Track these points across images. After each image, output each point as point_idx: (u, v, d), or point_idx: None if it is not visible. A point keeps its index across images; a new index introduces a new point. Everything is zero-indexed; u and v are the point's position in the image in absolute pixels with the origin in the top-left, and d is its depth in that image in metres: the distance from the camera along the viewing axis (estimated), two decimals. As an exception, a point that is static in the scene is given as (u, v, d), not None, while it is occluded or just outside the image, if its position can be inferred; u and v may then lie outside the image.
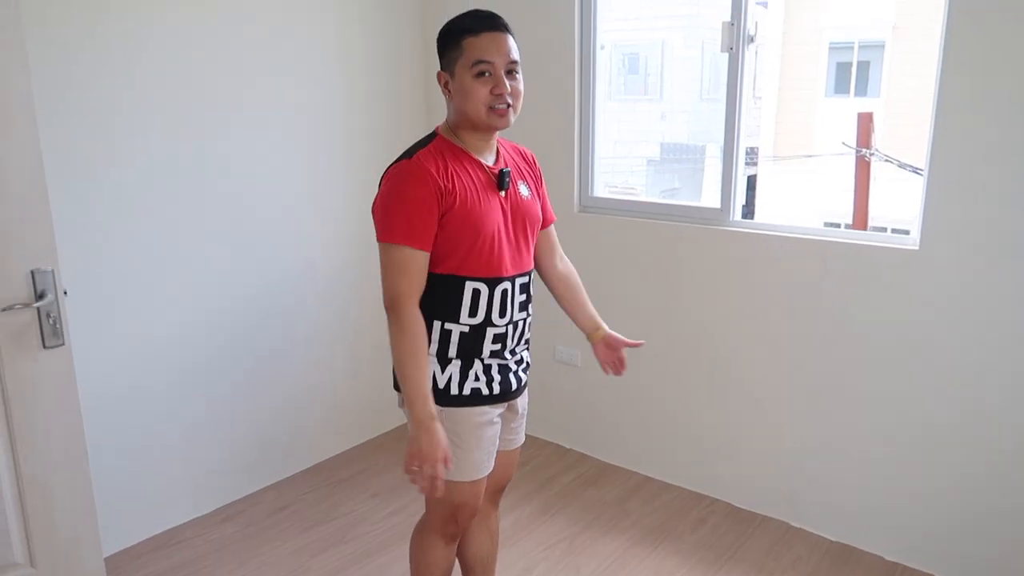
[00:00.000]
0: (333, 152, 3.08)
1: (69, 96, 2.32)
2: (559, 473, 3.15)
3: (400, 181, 1.63)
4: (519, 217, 1.76)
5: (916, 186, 2.40)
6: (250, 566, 2.56)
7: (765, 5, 11.85)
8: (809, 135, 11.93)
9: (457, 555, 2.03)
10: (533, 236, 1.82)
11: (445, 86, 1.69)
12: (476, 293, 1.70)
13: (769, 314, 2.68)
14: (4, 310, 1.95)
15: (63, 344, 2.06)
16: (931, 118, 2.26)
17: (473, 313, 1.71)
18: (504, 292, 1.72)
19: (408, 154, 1.67)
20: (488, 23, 1.65)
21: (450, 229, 1.64)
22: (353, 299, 3.20)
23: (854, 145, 5.39)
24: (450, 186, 1.63)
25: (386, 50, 3.20)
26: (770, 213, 10.12)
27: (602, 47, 2.97)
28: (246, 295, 2.88)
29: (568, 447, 3.36)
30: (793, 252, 2.58)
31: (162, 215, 2.59)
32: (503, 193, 1.73)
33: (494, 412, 1.80)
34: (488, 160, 1.74)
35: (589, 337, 2.05)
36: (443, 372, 1.73)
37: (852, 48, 12.20)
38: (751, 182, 10.10)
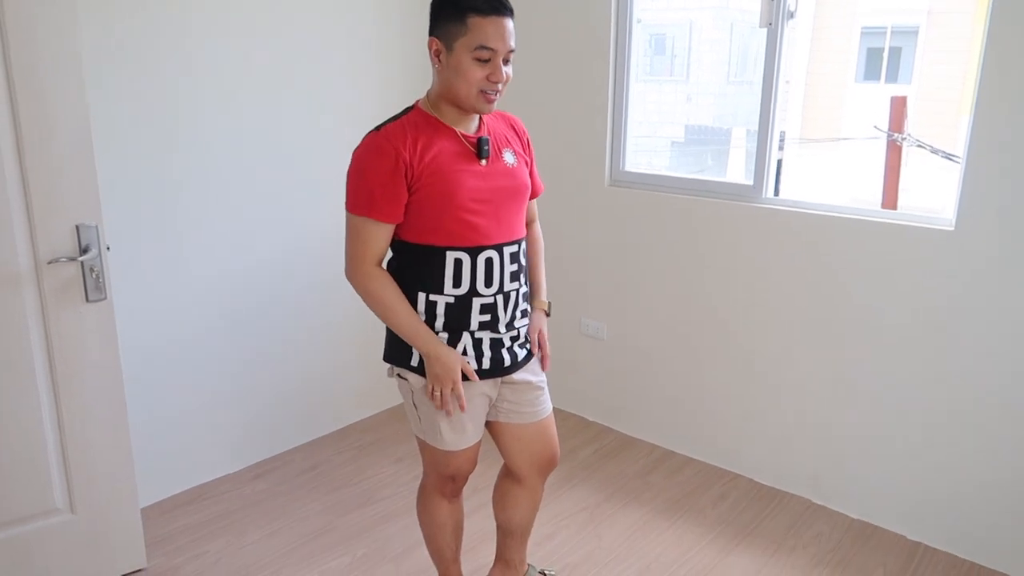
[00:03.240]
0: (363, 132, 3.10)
1: (118, 62, 2.35)
2: (581, 445, 3.18)
3: (364, 153, 1.65)
4: (502, 185, 1.74)
5: (946, 173, 2.38)
6: (280, 523, 2.62)
7: (797, -12, 11.67)
8: (837, 120, 11.79)
9: (498, 518, 2.08)
10: (521, 203, 1.80)
11: (436, 54, 1.66)
12: (458, 263, 1.70)
13: (799, 292, 2.68)
14: (50, 263, 2.01)
15: (105, 298, 2.12)
16: (973, 99, 2.24)
17: (457, 283, 1.71)
18: (488, 261, 1.72)
19: (378, 127, 1.69)
20: (498, 7, 1.60)
21: (424, 200, 1.65)
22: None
23: (886, 129, 5.33)
24: (417, 158, 1.63)
25: (423, 26, 3.20)
26: (796, 196, 10.03)
27: (639, 21, 2.95)
28: (281, 262, 2.92)
29: (591, 419, 3.39)
30: (826, 230, 2.58)
31: (203, 177, 2.63)
32: (483, 162, 1.71)
33: (484, 386, 1.81)
34: (467, 129, 1.72)
35: (533, 303, 1.94)
36: None
37: (884, 34, 12.00)
38: (777, 166, 10.00)
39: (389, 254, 1.78)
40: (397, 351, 1.79)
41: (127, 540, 2.31)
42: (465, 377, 1.74)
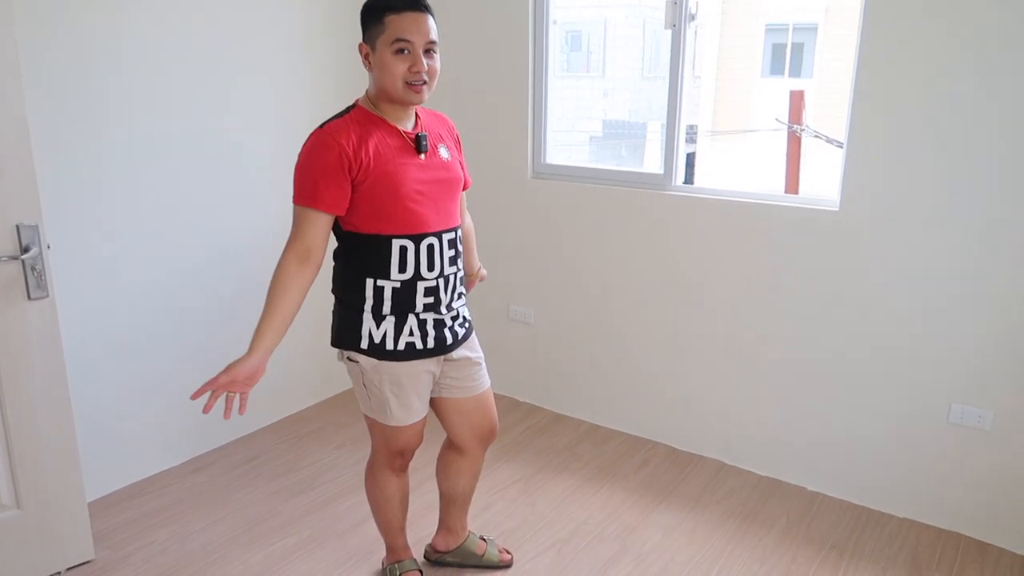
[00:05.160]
0: (306, 122, 3.18)
1: (52, 64, 2.38)
2: (513, 424, 3.36)
3: (310, 150, 1.78)
4: (439, 177, 1.89)
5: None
6: (225, 511, 2.70)
7: (706, -14, 12.16)
8: (745, 114, 12.36)
9: (441, 488, 2.25)
10: (456, 194, 1.96)
11: (366, 58, 1.81)
12: (403, 250, 1.84)
13: (705, 271, 2.93)
14: (-9, 262, 2.05)
15: (47, 296, 2.17)
16: (851, 89, 2.52)
17: (403, 269, 1.86)
18: (430, 247, 1.87)
19: (322, 125, 1.82)
20: (412, 3, 1.76)
21: (369, 192, 1.78)
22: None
23: (787, 121, 5.70)
24: (362, 153, 1.76)
25: (351, 38, 3.30)
26: (705, 184, 10.47)
27: (555, 22, 3.14)
28: (215, 259, 2.99)
29: (522, 400, 3.58)
30: (727, 213, 2.83)
31: (139, 177, 2.68)
32: (422, 156, 1.86)
33: (429, 364, 1.97)
34: (406, 126, 1.87)
35: (470, 276, 2.21)
36: (378, 328, 1.89)
37: (787, 30, 12.65)
38: (690, 159, 10.43)
39: (333, 244, 1.90)
40: (346, 335, 1.92)
41: (74, 533, 2.36)
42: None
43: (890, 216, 2.51)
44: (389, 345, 1.90)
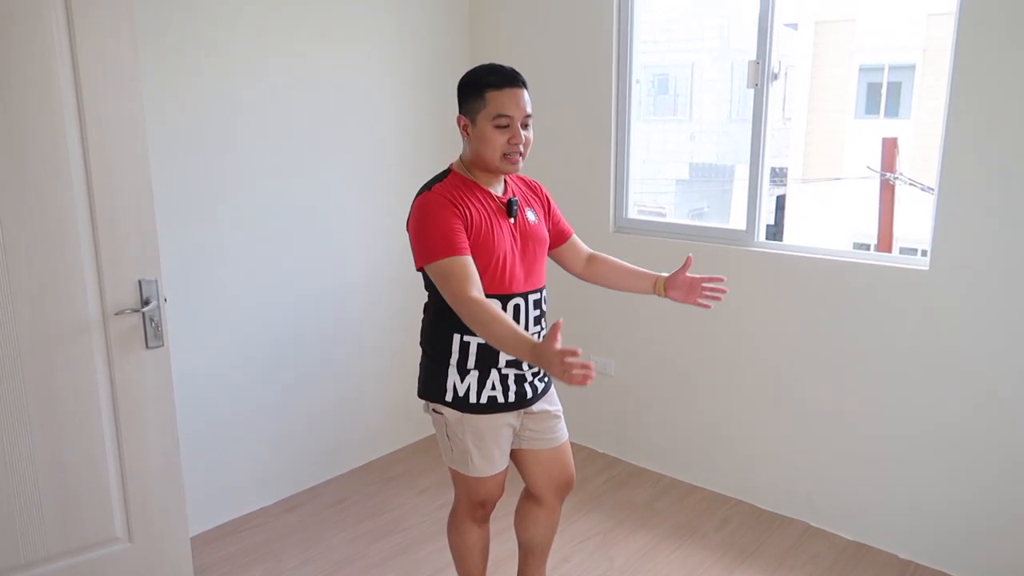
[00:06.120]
0: (392, 185, 3.37)
1: (177, 135, 2.64)
2: (593, 475, 3.38)
3: (425, 209, 1.87)
4: (528, 240, 1.99)
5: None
6: (313, 551, 2.83)
7: (795, 27, 12.03)
8: (838, 156, 12.04)
9: (520, 538, 2.30)
10: (543, 255, 2.06)
11: (464, 128, 1.93)
12: None
13: (791, 329, 2.90)
14: (116, 314, 2.26)
15: (163, 345, 2.36)
16: (940, 142, 2.47)
17: None
18: (516, 307, 1.96)
19: (427, 187, 1.93)
20: (511, 80, 1.87)
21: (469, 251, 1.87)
22: (402, 316, 3.47)
23: (879, 169, 5.56)
24: (466, 213, 1.86)
25: (438, 93, 3.49)
26: (799, 233, 10.24)
27: (638, 81, 3.22)
28: (310, 308, 3.18)
29: (601, 451, 3.59)
30: (812, 271, 2.80)
31: (245, 235, 2.90)
32: (512, 219, 1.97)
33: (510, 417, 2.03)
34: (497, 191, 1.98)
35: (656, 291, 2.20)
36: (462, 381, 1.97)
37: (883, 70, 12.31)
38: (780, 202, 10.24)
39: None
40: (432, 387, 2.01)
41: (178, 567, 2.51)
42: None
43: (986, 276, 2.44)
44: (472, 399, 1.98)
